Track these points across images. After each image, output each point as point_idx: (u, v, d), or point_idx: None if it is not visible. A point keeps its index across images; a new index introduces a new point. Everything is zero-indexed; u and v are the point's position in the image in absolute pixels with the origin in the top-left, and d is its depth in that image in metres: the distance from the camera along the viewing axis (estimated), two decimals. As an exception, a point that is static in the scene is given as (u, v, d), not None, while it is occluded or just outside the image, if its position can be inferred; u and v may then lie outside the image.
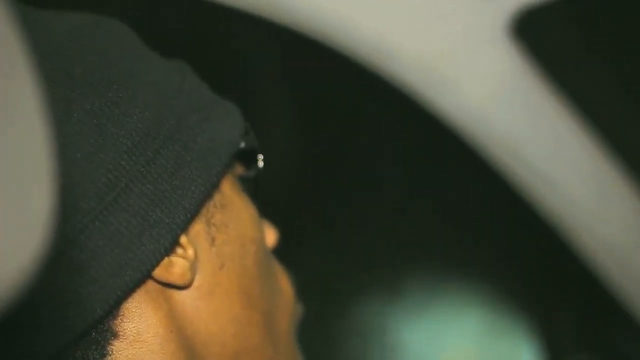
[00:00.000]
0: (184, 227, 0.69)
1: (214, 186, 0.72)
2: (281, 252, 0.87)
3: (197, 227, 0.71)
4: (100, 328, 0.67)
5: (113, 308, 0.67)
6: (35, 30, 0.66)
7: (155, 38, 0.77)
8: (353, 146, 1.40)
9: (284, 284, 0.82)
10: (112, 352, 0.67)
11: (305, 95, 1.38)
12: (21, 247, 0.38)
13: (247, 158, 0.79)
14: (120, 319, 0.67)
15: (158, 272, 0.68)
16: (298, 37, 1.06)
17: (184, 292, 0.70)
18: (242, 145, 0.76)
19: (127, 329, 0.68)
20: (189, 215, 0.69)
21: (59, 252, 0.64)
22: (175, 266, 0.68)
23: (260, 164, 0.79)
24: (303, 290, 0.86)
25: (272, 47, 1.35)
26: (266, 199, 0.81)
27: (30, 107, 0.38)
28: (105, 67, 0.68)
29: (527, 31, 1.08)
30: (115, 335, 0.67)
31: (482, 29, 1.10)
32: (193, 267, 0.70)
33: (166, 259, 0.68)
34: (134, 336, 0.68)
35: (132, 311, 0.68)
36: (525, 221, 1.29)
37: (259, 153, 0.79)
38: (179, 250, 0.69)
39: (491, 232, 1.44)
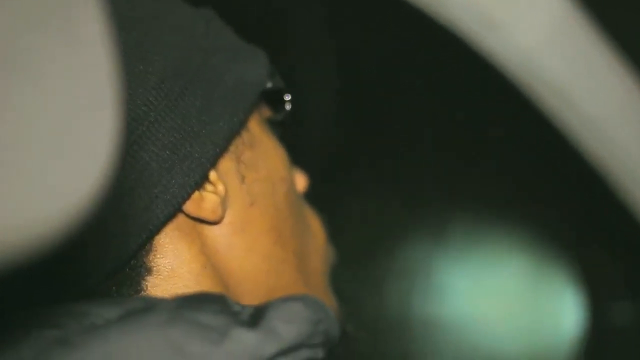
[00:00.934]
0: (213, 162, 0.70)
1: (242, 123, 0.73)
2: (325, 194, 0.88)
3: (227, 164, 0.73)
4: (134, 263, 0.68)
5: (146, 242, 0.68)
6: None
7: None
8: (401, 89, 1.40)
9: (315, 226, 0.84)
10: (147, 287, 0.69)
11: (352, 40, 1.38)
12: (91, 167, 0.39)
13: (274, 100, 0.80)
14: (154, 254, 0.69)
15: (189, 207, 0.69)
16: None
17: (216, 229, 0.71)
18: (269, 85, 0.77)
19: (161, 264, 0.69)
20: (217, 150, 0.70)
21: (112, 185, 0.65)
22: (206, 201, 0.70)
23: (288, 106, 0.81)
24: (346, 230, 0.87)
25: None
26: (305, 135, 0.81)
27: (98, 30, 0.39)
28: (131, 10, 0.70)
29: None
30: (149, 271, 0.68)
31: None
32: (224, 203, 0.71)
33: (197, 194, 0.69)
34: (168, 272, 0.69)
35: (166, 247, 0.69)
36: (571, 167, 1.28)
37: (285, 94, 0.80)
38: (209, 186, 0.71)
39: (536, 177, 1.44)
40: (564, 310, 1.48)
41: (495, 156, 1.42)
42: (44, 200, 0.36)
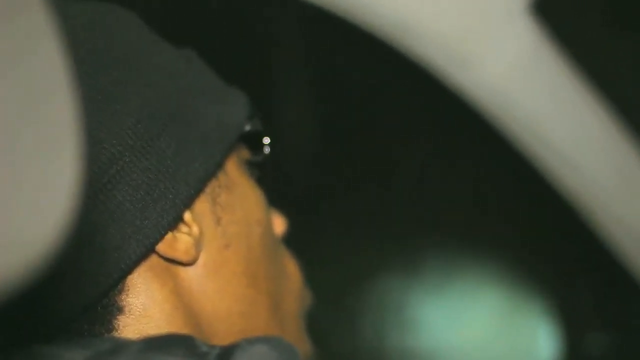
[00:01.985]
0: (188, 203, 0.70)
1: (218, 165, 0.73)
2: (299, 229, 0.87)
3: (203, 206, 0.72)
4: (105, 302, 0.68)
5: (117, 282, 0.67)
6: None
7: (167, 20, 0.78)
8: (372, 123, 1.40)
9: (292, 268, 0.83)
10: (118, 327, 0.68)
11: (326, 74, 1.38)
12: (51, 213, 0.39)
13: (254, 143, 0.80)
14: (126, 294, 0.68)
15: (162, 247, 0.69)
16: (319, 13, 1.07)
17: (190, 270, 0.71)
18: (248, 128, 0.77)
19: (133, 304, 0.68)
20: (192, 192, 0.70)
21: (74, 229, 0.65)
22: (179, 242, 0.69)
23: (267, 149, 0.80)
24: (323, 266, 0.87)
25: (291, 23, 1.35)
26: (284, 177, 0.81)
27: (59, 78, 0.39)
28: (110, 49, 0.70)
29: (547, 8, 1.07)
30: (121, 311, 0.68)
31: (502, 6, 1.09)
32: (198, 245, 0.71)
33: (170, 235, 0.69)
34: (140, 312, 0.68)
35: (138, 287, 0.68)
36: (544, 200, 1.29)
37: (264, 137, 0.80)
38: (184, 227, 0.70)
39: (510, 211, 1.44)
40: (538, 342, 1.49)
41: (468, 190, 1.43)
42: (4, 249, 0.37)
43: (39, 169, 0.38)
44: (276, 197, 0.82)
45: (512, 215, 1.45)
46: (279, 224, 0.84)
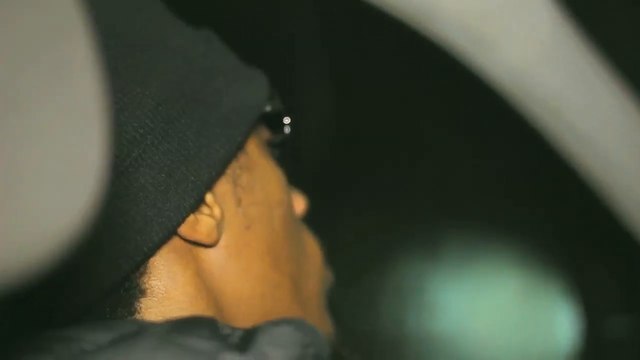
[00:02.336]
0: (209, 185, 0.70)
1: (239, 146, 0.73)
2: (318, 210, 0.87)
3: (224, 187, 0.72)
4: (128, 285, 0.68)
5: (139, 265, 0.68)
6: None
7: (183, 2, 0.78)
8: (392, 105, 1.40)
9: (313, 249, 0.83)
10: (140, 309, 0.68)
11: (345, 55, 1.38)
12: (76, 196, 0.39)
13: (274, 123, 0.80)
14: (148, 276, 0.68)
15: (184, 230, 0.69)
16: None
17: (211, 252, 0.71)
18: (268, 108, 0.77)
19: (155, 286, 0.68)
20: (213, 173, 0.70)
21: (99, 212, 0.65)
22: (201, 224, 0.69)
23: (287, 129, 0.80)
24: (342, 249, 0.87)
25: (311, 5, 1.35)
26: (303, 157, 0.81)
27: (86, 63, 0.39)
28: (130, 31, 0.70)
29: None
30: (143, 293, 0.68)
31: (524, -12, 1.09)
32: (219, 226, 0.71)
33: (192, 217, 0.69)
34: (162, 294, 0.68)
35: (160, 269, 0.69)
36: (565, 182, 1.28)
37: (284, 117, 0.80)
38: (205, 209, 0.70)
39: (531, 193, 1.44)
40: (558, 325, 1.49)
41: (489, 172, 1.43)
42: (33, 225, 0.37)
43: (67, 149, 0.38)
44: (295, 177, 0.82)
45: (532, 197, 1.44)
46: (299, 204, 0.84)
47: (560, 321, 1.48)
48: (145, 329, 0.60)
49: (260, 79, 0.78)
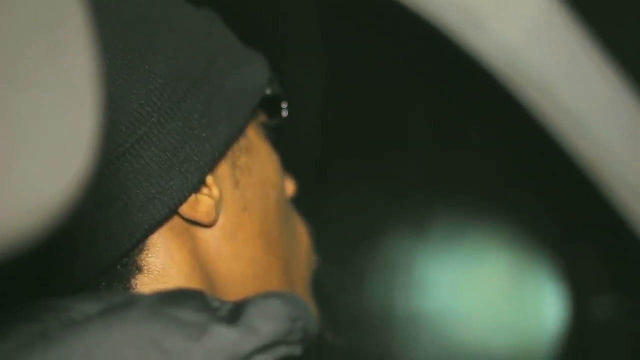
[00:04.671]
0: (212, 166, 0.71)
1: (242, 128, 0.74)
2: (307, 189, 0.88)
3: (223, 168, 0.73)
4: (125, 261, 0.69)
5: (140, 241, 0.68)
6: None
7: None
8: (383, 84, 1.40)
9: (301, 233, 0.84)
10: (136, 285, 0.69)
11: (338, 39, 1.38)
12: (67, 166, 0.39)
13: (271, 106, 0.80)
14: (146, 253, 0.69)
15: (185, 209, 0.69)
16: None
17: (207, 232, 0.72)
18: (268, 92, 0.78)
19: (151, 263, 0.69)
20: (216, 154, 0.70)
21: (91, 182, 0.66)
22: (201, 204, 0.70)
23: (284, 112, 0.81)
24: (330, 227, 0.87)
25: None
26: (295, 136, 0.81)
27: (78, 36, 0.39)
28: (137, 8, 0.70)
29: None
30: (140, 269, 0.69)
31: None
32: (218, 207, 0.72)
33: (193, 196, 0.70)
34: (158, 271, 0.69)
35: (158, 246, 0.69)
36: (555, 162, 1.29)
37: (283, 101, 0.81)
38: (205, 189, 0.71)
39: (520, 173, 1.44)
40: (546, 305, 1.49)
41: (479, 151, 1.43)
42: (21, 195, 0.37)
43: (58, 118, 0.38)
44: (285, 157, 0.82)
45: (521, 176, 1.45)
46: (290, 187, 0.85)
47: (547, 301, 1.49)
48: (134, 300, 0.60)
49: (260, 62, 0.78)
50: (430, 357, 1.49)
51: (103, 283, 0.68)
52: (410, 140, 1.45)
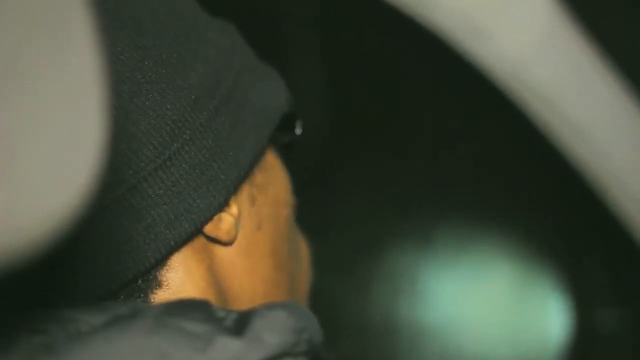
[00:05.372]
0: (237, 185, 0.70)
1: (264, 147, 0.73)
2: (314, 197, 0.88)
3: (242, 187, 0.72)
4: (147, 277, 0.68)
5: (165, 258, 0.68)
6: None
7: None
8: (386, 92, 1.40)
9: (304, 250, 0.84)
10: (154, 300, 0.69)
11: (340, 43, 1.38)
12: (74, 172, 0.39)
13: (286, 123, 0.79)
14: (166, 269, 0.69)
15: (208, 227, 0.69)
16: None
17: (224, 249, 0.72)
18: (285, 109, 0.77)
19: (171, 279, 0.69)
20: (242, 174, 0.70)
21: (122, 195, 0.66)
22: (223, 222, 0.70)
23: (299, 130, 0.80)
24: (334, 237, 0.87)
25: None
26: (298, 144, 0.81)
27: (83, 37, 0.39)
28: (172, 18, 0.69)
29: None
30: (159, 285, 0.69)
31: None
32: (237, 225, 0.71)
33: (217, 215, 0.69)
34: (177, 287, 0.69)
35: (178, 262, 0.69)
36: (558, 174, 1.28)
37: (298, 119, 0.80)
38: (226, 207, 0.70)
39: (524, 184, 1.44)
40: (550, 316, 1.49)
41: (483, 162, 1.43)
42: (29, 203, 0.37)
43: (64, 120, 0.38)
44: (288, 165, 0.82)
45: (526, 188, 1.45)
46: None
47: (551, 313, 1.48)
48: (140, 311, 0.60)
49: (277, 78, 0.78)
50: (434, 368, 1.49)
51: (122, 297, 0.68)
52: (414, 150, 1.45)
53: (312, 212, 0.87)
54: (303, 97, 1.31)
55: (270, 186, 0.76)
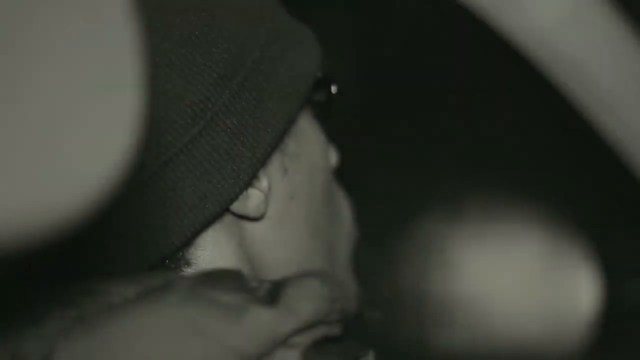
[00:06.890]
0: (264, 161, 0.69)
1: (294, 117, 0.71)
2: (345, 171, 0.87)
3: (272, 158, 0.71)
4: (174, 257, 0.68)
5: (190, 240, 0.68)
6: None
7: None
8: (420, 68, 1.40)
9: (345, 210, 0.82)
10: None
11: (371, 19, 1.37)
12: (109, 146, 0.39)
13: (320, 86, 0.77)
14: (195, 247, 0.68)
15: (235, 205, 0.68)
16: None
17: (255, 223, 0.71)
18: (319, 74, 0.75)
19: (200, 257, 0.68)
20: (269, 150, 0.68)
21: (144, 181, 0.65)
22: (251, 199, 0.69)
23: (334, 89, 0.78)
24: (365, 209, 0.86)
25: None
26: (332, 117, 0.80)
27: (119, 12, 0.39)
28: None
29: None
30: (188, 263, 0.68)
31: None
32: (267, 199, 0.70)
33: (244, 192, 0.68)
34: (207, 264, 0.69)
35: (207, 240, 0.69)
36: (589, 144, 1.28)
37: (334, 82, 0.77)
38: (255, 183, 0.69)
39: (554, 155, 1.44)
40: (580, 288, 1.49)
41: (512, 133, 1.42)
42: (60, 179, 0.37)
43: (101, 98, 0.39)
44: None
45: (556, 160, 1.44)
46: (333, 157, 0.83)
47: (581, 284, 1.48)
48: (172, 282, 0.60)
49: (310, 39, 0.75)
50: (465, 339, 1.49)
51: None
52: (444, 123, 1.44)
53: (342, 186, 0.86)
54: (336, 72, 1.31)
55: (304, 153, 0.74)
